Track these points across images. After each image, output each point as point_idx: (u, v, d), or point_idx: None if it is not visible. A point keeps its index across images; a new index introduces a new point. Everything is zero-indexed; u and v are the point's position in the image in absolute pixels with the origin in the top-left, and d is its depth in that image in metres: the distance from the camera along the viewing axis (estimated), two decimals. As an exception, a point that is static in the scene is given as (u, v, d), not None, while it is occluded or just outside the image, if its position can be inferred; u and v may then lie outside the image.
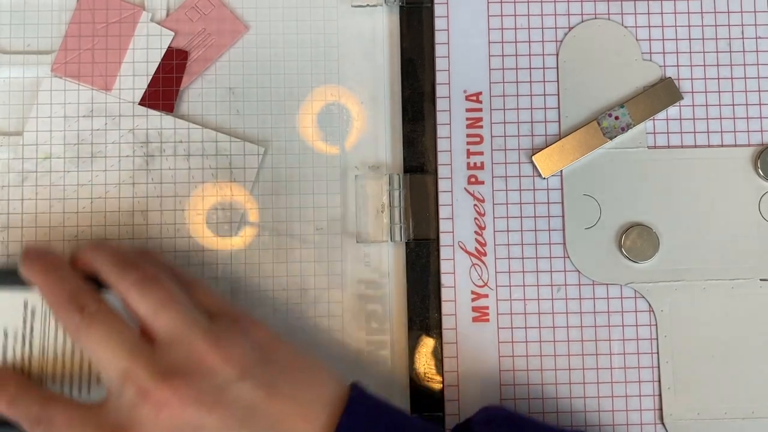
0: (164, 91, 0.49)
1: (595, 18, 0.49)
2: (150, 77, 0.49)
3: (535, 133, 0.48)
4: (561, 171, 0.48)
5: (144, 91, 0.49)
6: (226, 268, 0.48)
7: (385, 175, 0.48)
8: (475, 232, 0.48)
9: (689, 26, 0.49)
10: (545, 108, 0.48)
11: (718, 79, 0.48)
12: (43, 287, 0.41)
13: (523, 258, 0.47)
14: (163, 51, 0.49)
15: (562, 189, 0.48)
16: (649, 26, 0.49)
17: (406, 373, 0.47)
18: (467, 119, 0.48)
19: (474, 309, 0.47)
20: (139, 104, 0.49)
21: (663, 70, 0.48)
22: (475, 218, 0.48)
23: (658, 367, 0.47)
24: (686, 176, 0.48)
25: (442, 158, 0.48)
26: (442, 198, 0.48)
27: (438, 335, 0.47)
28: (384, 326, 0.48)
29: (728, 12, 0.49)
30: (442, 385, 0.47)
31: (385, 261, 0.48)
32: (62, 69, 0.49)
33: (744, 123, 0.48)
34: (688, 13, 0.49)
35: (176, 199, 0.48)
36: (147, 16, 0.49)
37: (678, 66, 0.48)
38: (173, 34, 0.49)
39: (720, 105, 0.48)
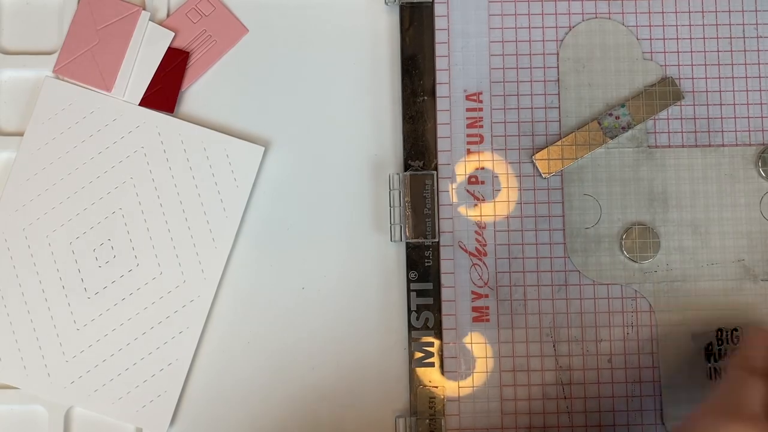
0: (165, 91, 0.49)
1: (596, 17, 0.49)
2: (150, 78, 0.49)
3: (535, 132, 0.48)
4: (561, 171, 0.48)
5: (144, 91, 0.49)
6: (227, 269, 0.48)
7: (386, 175, 0.48)
8: (476, 231, 0.47)
9: (690, 25, 0.48)
10: (546, 107, 0.48)
11: (719, 78, 0.48)
12: None
13: (523, 258, 0.47)
14: (164, 51, 0.49)
15: (562, 189, 0.48)
16: (650, 26, 0.48)
17: (406, 374, 0.47)
18: (467, 119, 0.48)
19: (474, 309, 0.47)
20: (140, 104, 0.49)
21: (664, 70, 0.48)
22: (476, 218, 0.47)
23: (659, 366, 0.47)
24: (687, 176, 0.48)
25: (442, 158, 0.48)
26: (442, 198, 0.48)
27: (438, 335, 0.47)
28: (384, 326, 0.48)
29: (729, 11, 0.49)
30: (442, 386, 0.47)
31: (386, 261, 0.48)
32: (63, 69, 0.49)
33: (745, 122, 0.48)
34: (689, 12, 0.49)
35: (178, 199, 0.48)
36: (147, 16, 0.49)
37: (679, 65, 0.48)
38: (173, 34, 0.49)
39: (721, 104, 0.48)
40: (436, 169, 0.48)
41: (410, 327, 0.47)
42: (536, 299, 0.47)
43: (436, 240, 0.47)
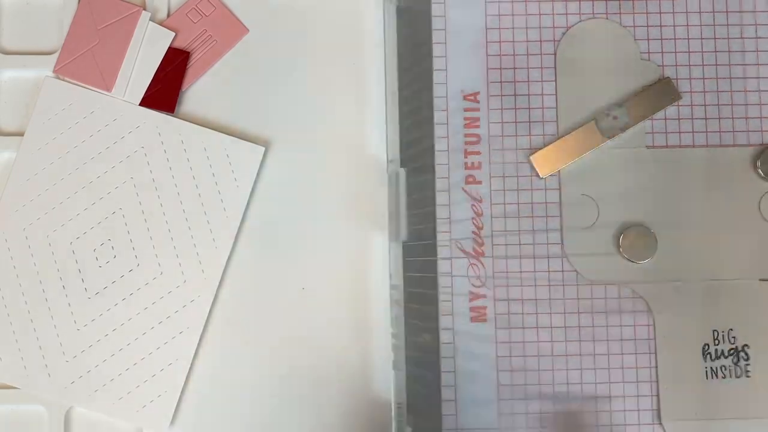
0: (165, 91, 0.49)
1: (593, 17, 0.49)
2: (151, 78, 0.49)
3: (532, 132, 0.48)
4: (559, 171, 0.48)
5: (145, 91, 0.49)
6: (227, 269, 0.48)
7: (385, 175, 0.48)
8: (473, 232, 0.47)
9: (688, 26, 0.48)
10: (543, 108, 0.48)
11: (717, 78, 0.48)
12: None
13: (520, 258, 0.47)
14: (164, 51, 0.49)
15: (560, 189, 0.48)
16: (648, 26, 0.48)
17: (403, 374, 0.47)
18: (465, 119, 0.48)
19: (471, 309, 0.47)
20: (140, 104, 0.49)
21: (662, 70, 0.48)
22: (473, 218, 0.47)
23: (656, 367, 0.46)
24: (685, 176, 0.48)
25: (439, 158, 0.48)
26: (440, 198, 0.48)
27: (435, 335, 0.47)
28: (382, 326, 0.48)
29: (727, 12, 0.48)
30: (439, 386, 0.47)
31: (383, 261, 0.48)
32: (63, 69, 0.49)
33: (743, 123, 0.48)
34: (687, 12, 0.48)
35: (178, 199, 0.48)
36: (147, 16, 0.50)
37: (676, 66, 0.48)
38: (174, 34, 0.50)
39: (719, 105, 0.48)
40: (433, 168, 0.48)
41: (407, 326, 0.47)
42: (534, 299, 0.47)
43: (434, 240, 0.47)
